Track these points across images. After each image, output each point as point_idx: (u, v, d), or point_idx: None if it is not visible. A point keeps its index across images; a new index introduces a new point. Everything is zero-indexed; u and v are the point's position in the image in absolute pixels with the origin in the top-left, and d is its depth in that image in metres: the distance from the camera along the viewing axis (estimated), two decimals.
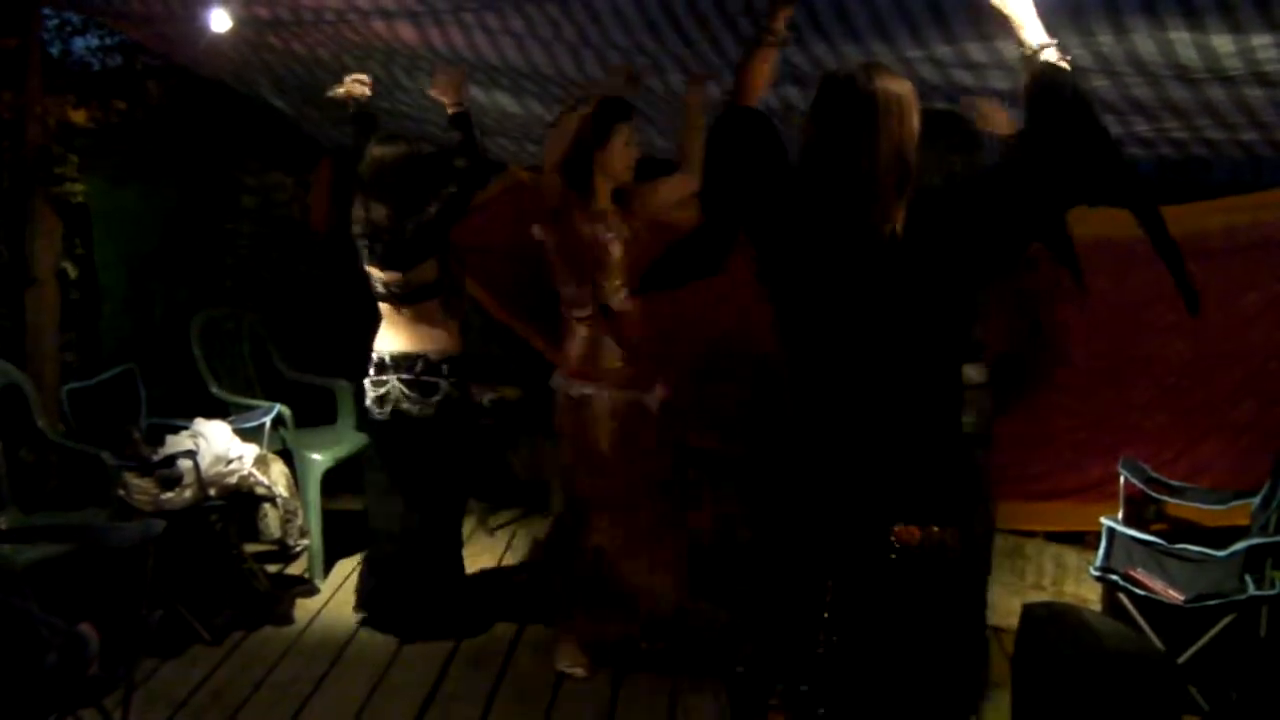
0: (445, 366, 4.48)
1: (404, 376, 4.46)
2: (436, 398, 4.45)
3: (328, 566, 5.21)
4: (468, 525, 5.45)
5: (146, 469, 4.52)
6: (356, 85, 4.59)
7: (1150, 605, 3.84)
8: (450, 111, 4.31)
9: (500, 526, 6.05)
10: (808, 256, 2.63)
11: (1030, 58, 2.56)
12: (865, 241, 2.53)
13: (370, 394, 4.54)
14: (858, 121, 2.52)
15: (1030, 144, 2.56)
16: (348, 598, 4.94)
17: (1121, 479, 4.33)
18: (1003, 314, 4.37)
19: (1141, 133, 4.22)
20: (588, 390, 4.18)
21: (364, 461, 4.89)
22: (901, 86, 2.56)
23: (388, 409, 4.48)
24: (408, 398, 4.45)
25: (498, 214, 5.56)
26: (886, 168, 2.51)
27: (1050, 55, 2.53)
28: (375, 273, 4.46)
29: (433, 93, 4.36)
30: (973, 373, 3.66)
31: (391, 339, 4.52)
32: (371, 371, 4.55)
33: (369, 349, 4.59)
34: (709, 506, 5.28)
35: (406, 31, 4.56)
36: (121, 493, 4.43)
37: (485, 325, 6.11)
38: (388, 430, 4.54)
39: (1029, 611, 3.78)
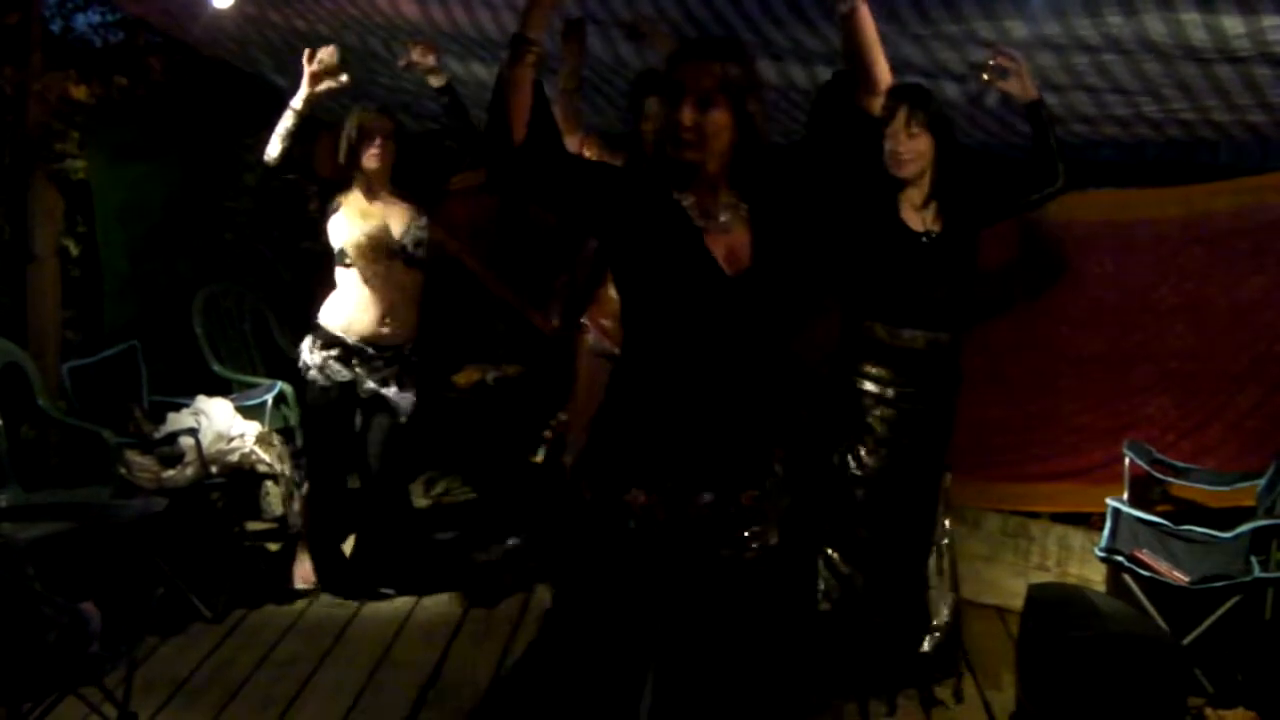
0: None
1: None
2: None
3: None
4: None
5: (148, 447, 4.52)
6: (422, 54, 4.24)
7: (1155, 586, 3.84)
8: (438, 83, 4.23)
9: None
10: None
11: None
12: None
13: None
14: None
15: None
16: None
17: (1126, 460, 4.31)
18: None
19: (1150, 114, 4.20)
20: None
21: None
22: None
23: None
24: None
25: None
26: None
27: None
28: None
29: (415, 57, 4.17)
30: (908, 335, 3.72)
31: None
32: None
33: None
34: None
35: (408, 7, 4.53)
36: (123, 471, 4.42)
37: (489, 303, 6.09)
38: None
39: (1034, 593, 3.79)
